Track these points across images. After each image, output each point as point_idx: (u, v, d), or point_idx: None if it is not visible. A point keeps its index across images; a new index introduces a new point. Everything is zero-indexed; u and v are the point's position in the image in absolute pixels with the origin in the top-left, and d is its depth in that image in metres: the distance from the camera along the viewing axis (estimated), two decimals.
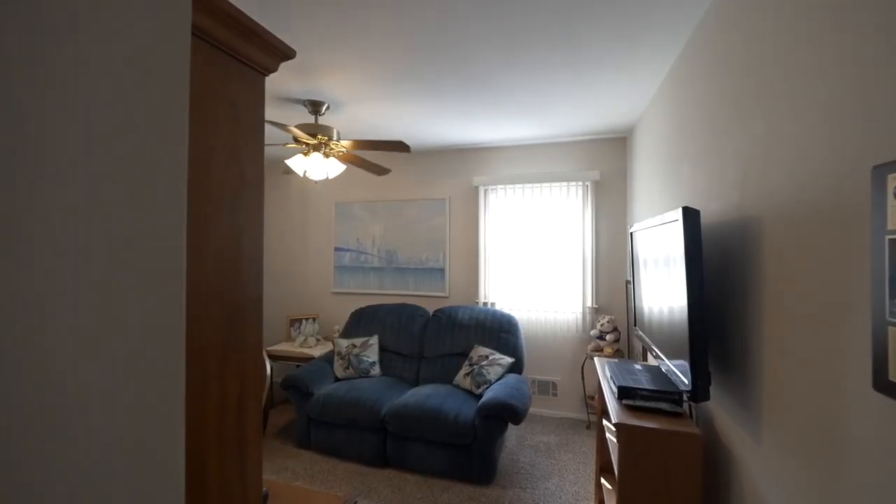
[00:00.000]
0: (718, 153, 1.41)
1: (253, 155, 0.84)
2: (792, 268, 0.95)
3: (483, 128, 3.11)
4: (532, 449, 2.93)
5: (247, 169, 0.82)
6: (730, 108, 1.31)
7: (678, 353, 1.43)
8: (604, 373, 1.94)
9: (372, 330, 3.46)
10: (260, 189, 0.86)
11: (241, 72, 0.81)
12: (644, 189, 2.70)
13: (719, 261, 1.38)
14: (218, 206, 0.75)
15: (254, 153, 0.84)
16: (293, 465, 2.71)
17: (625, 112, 2.76)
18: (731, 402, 1.28)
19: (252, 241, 0.85)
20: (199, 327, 0.71)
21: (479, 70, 2.10)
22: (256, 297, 0.85)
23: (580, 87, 2.32)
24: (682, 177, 1.85)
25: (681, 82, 1.86)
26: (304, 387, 2.89)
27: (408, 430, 2.58)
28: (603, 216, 3.41)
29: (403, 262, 3.92)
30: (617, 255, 3.37)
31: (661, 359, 1.67)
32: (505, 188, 3.59)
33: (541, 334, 3.51)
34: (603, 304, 3.39)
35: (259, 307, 0.86)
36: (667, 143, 2.11)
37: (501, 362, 2.91)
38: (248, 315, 0.83)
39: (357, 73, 2.13)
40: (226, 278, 0.77)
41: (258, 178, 0.85)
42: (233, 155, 0.79)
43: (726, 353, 1.32)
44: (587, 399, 3.32)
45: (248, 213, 0.83)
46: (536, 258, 3.48)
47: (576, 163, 3.46)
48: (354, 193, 4.09)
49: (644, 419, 1.41)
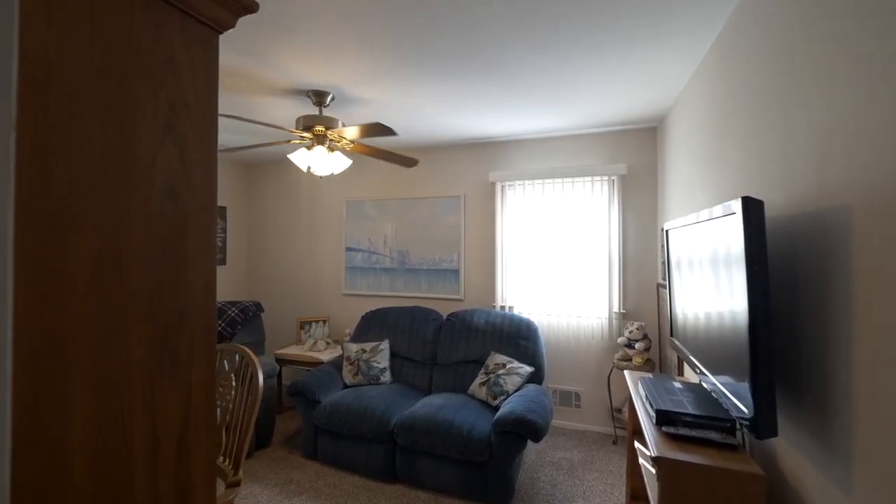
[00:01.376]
0: (782, 134, 1.16)
1: (200, 132, 0.67)
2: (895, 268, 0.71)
3: (500, 119, 2.90)
4: (553, 466, 2.70)
5: (190, 149, 0.65)
6: (804, 76, 1.07)
7: (728, 370, 1.19)
8: (637, 390, 1.70)
9: (383, 334, 3.30)
10: (209, 176, 0.68)
11: (185, 24, 0.64)
12: (679, 182, 2.43)
13: (784, 261, 1.14)
14: (145, 194, 0.58)
15: (201, 130, 0.67)
16: (298, 478, 2.57)
17: (656, 98, 2.50)
18: (805, 436, 1.04)
19: (201, 241, 0.68)
20: (109, 349, 0.54)
21: (494, 53, 1.89)
22: (206, 312, 0.67)
23: (606, 70, 2.08)
24: (729, 165, 1.60)
25: (732, 51, 1.61)
26: (311, 394, 2.74)
27: (417, 444, 2.40)
28: (631, 213, 3.14)
29: (416, 263, 3.74)
30: (646, 256, 3.10)
31: (705, 375, 1.43)
32: (524, 184, 3.36)
33: (563, 341, 3.27)
34: (631, 309, 3.12)
35: (210, 322, 0.69)
36: (710, 127, 1.85)
37: (520, 371, 2.69)
38: (194, 333, 0.65)
39: (363, 58, 1.96)
40: (158, 288, 0.60)
41: (207, 160, 0.68)
42: (167, 129, 0.61)
43: (795, 374, 1.08)
44: (614, 412, 3.06)
45: (193, 204, 0.66)
46: (558, 259, 3.24)
47: (601, 156, 3.21)
48: (365, 191, 3.95)
49: (690, 452, 1.18)
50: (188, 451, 0.64)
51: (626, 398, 3.04)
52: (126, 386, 0.56)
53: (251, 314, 3.46)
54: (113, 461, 0.54)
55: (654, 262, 3.07)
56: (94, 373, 0.52)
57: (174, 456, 0.62)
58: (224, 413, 1.63)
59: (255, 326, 3.46)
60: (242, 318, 3.40)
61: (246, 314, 3.43)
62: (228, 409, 1.63)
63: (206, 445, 0.66)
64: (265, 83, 2.24)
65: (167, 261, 0.61)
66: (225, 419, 1.62)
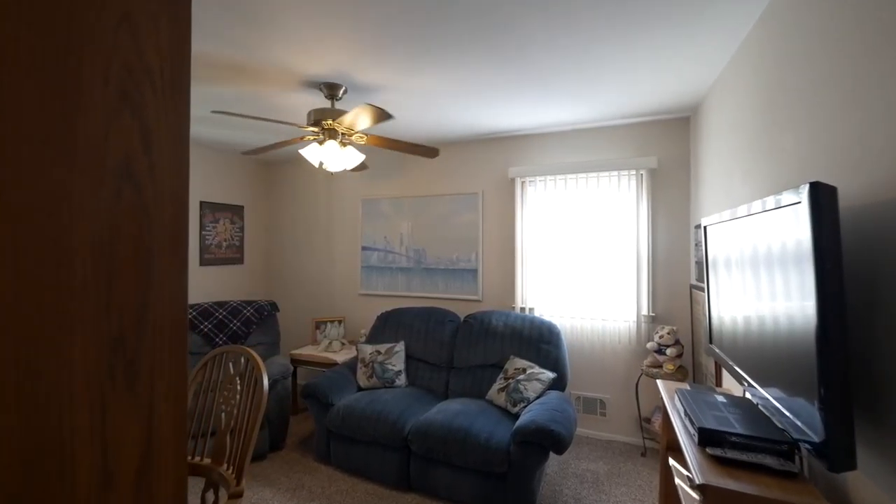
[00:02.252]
0: (857, 111, 0.99)
1: (166, 105, 0.57)
2: None
3: (520, 111, 2.76)
4: (577, 478, 2.54)
5: (153, 123, 0.55)
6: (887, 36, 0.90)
7: (783, 383, 1.03)
8: (673, 403, 1.54)
9: (398, 335, 3.20)
10: (179, 157, 0.58)
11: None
12: (715, 175, 2.24)
13: (854, 257, 0.97)
14: (93, 174, 0.48)
15: (168, 102, 0.57)
16: (310, 483, 2.49)
17: (690, 84, 2.31)
18: (889, 468, 0.87)
19: (168, 233, 0.58)
20: (42, 358, 0.44)
21: (511, 36, 1.76)
22: (174, 316, 0.57)
23: (635, 54, 1.92)
24: (781, 152, 1.42)
25: (785, 20, 1.43)
26: (324, 397, 2.67)
27: (433, 452, 2.28)
28: (661, 209, 2.94)
29: (432, 262, 3.63)
30: (678, 255, 2.89)
31: (753, 387, 1.27)
32: (545, 179, 3.20)
33: (587, 345, 3.09)
34: (661, 313, 2.92)
35: (180, 328, 0.59)
36: (754, 112, 1.67)
37: (541, 377, 2.55)
38: (158, 339, 0.56)
39: (373, 44, 1.86)
40: (108, 285, 0.50)
41: (176, 139, 0.58)
42: (123, 98, 0.52)
43: (872, 390, 0.91)
44: (642, 422, 2.87)
45: (158, 188, 0.56)
46: (582, 258, 3.07)
47: (628, 149, 3.02)
48: (381, 189, 3.86)
49: (742, 480, 1.02)
50: (150, 488, 0.54)
51: (656, 407, 2.85)
52: (66, 405, 0.46)
53: (266, 314, 3.43)
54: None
55: (687, 261, 2.87)
56: (20, 389, 0.43)
57: (131, 494, 0.52)
58: (228, 418, 1.56)
59: (269, 326, 3.43)
60: (257, 318, 3.37)
61: (261, 314, 3.40)
62: (233, 414, 1.55)
63: (174, 478, 0.56)
64: (276, 78, 2.17)
65: (122, 253, 0.52)
66: (229, 424, 1.55)
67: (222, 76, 2.18)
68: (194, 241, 3.70)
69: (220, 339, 3.16)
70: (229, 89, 2.36)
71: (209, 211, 3.83)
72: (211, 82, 2.27)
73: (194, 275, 3.70)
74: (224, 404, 1.59)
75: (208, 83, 2.29)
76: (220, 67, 2.07)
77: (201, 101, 2.59)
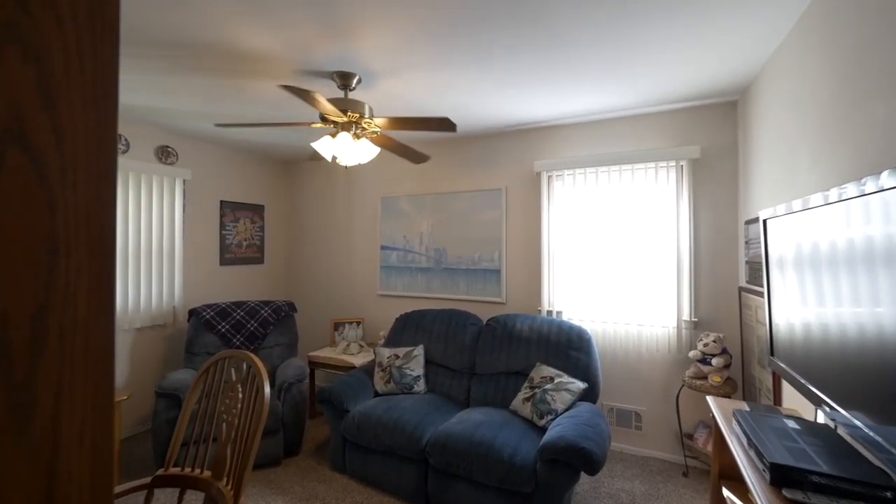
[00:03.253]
0: None
1: (79, 50, 0.43)
2: None
3: (546, 99, 2.56)
4: (611, 499, 2.32)
5: (59, 74, 0.41)
6: None
7: (882, 409, 0.81)
8: (731, 428, 1.32)
9: (417, 338, 3.06)
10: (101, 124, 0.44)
11: None
12: (774, 162, 1.97)
13: None
14: None
15: (82, 46, 0.43)
16: (324, 493, 2.38)
17: (738, 64, 2.05)
18: None
19: (83, 221, 0.44)
20: None
21: (537, 14, 1.58)
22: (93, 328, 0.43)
23: (678, 31, 1.69)
24: (867, 126, 1.17)
25: None
26: (339, 402, 2.55)
27: (452, 466, 2.12)
28: (704, 204, 2.67)
29: (453, 262, 3.47)
30: (724, 254, 2.62)
31: (836, 411, 1.04)
32: (573, 173, 2.98)
33: (620, 353, 2.85)
34: (705, 318, 2.65)
35: (105, 346, 0.45)
36: (829, 85, 1.42)
37: (571, 388, 2.34)
38: (67, 359, 0.42)
39: (393, 31, 1.72)
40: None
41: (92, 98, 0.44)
42: (7, 33, 0.38)
43: None
44: (684, 438, 2.61)
45: (63, 160, 0.42)
46: (615, 258, 2.84)
47: (666, 138, 2.76)
48: (401, 186, 3.74)
49: None
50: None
51: (700, 422, 2.58)
52: None
53: (284, 314, 3.36)
54: None
55: (735, 261, 2.58)
56: None
57: None
58: (230, 429, 1.45)
59: (287, 327, 3.36)
60: (275, 319, 3.30)
61: (278, 314, 3.34)
62: (234, 424, 1.44)
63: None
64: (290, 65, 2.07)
65: (8, 243, 0.38)
66: (230, 436, 1.44)
67: (223, 68, 2.10)
68: (214, 241, 3.69)
69: (238, 339, 3.11)
70: (230, 80, 2.25)
71: (229, 210, 3.81)
72: (215, 74, 2.19)
73: (214, 274, 3.68)
74: (225, 413, 1.48)
75: (204, 75, 2.21)
76: (223, 57, 1.99)
77: (203, 99, 2.52)
